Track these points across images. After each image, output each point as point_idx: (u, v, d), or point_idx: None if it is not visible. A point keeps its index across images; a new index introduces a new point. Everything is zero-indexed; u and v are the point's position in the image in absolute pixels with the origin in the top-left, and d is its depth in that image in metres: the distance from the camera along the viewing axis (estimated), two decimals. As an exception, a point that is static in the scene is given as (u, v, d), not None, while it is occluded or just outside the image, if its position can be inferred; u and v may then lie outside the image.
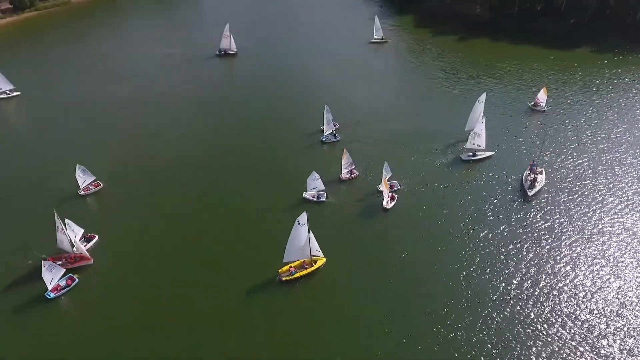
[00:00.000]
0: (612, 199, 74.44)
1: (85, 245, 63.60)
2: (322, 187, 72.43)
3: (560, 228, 68.77)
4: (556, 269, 61.98)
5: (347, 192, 75.77)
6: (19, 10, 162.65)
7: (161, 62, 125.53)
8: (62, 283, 58.35)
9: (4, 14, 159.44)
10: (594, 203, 73.53)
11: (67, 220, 62.31)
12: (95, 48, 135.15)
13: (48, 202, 70.55)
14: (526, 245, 65.74)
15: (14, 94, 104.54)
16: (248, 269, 60.96)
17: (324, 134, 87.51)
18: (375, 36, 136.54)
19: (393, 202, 72.24)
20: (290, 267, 59.99)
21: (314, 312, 56.29)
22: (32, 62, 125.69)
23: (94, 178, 74.26)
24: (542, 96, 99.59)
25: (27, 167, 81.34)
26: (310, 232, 58.78)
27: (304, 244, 58.67)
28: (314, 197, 73.01)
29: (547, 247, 65.59)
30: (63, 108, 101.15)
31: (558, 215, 71.14)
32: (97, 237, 65.57)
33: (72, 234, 61.95)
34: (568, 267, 62.22)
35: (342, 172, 77.21)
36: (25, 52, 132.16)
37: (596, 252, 64.69)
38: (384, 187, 71.17)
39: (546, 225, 69.43)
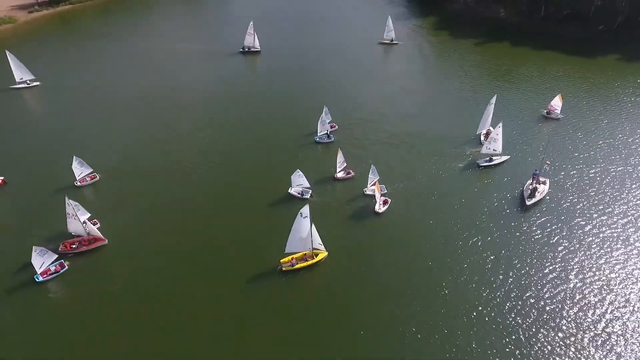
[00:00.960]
0: (615, 213, 71.62)
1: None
2: (307, 184, 72.88)
3: (553, 241, 66.67)
4: (543, 281, 60.29)
5: (339, 192, 75.71)
6: (54, 4, 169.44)
7: (184, 58, 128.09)
8: (52, 268, 60.56)
9: (40, 7, 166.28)
10: (594, 217, 70.90)
11: (76, 204, 64.91)
12: (122, 42, 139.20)
13: (50, 189, 73.84)
14: (515, 255, 64.14)
15: (34, 84, 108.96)
16: (250, 257, 62.70)
17: (318, 134, 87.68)
18: (385, 37, 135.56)
19: (386, 206, 71.49)
20: (292, 258, 60.91)
21: (311, 302, 57.54)
22: (56, 54, 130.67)
23: (90, 170, 76.63)
24: (556, 103, 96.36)
25: (34, 155, 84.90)
26: (313, 226, 59.90)
27: (305, 236, 59.77)
28: (299, 194, 73.11)
29: (534, 258, 63.80)
30: (79, 99, 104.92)
31: (552, 227, 69.03)
32: (98, 223, 67.81)
33: (81, 217, 64.74)
34: (554, 279, 60.44)
35: (337, 172, 77.09)
36: (51, 44, 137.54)
37: (586, 268, 62.34)
38: (375, 191, 70.51)
39: (538, 236, 67.55)
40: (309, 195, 73.43)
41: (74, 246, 64.17)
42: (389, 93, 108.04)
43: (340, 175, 77.47)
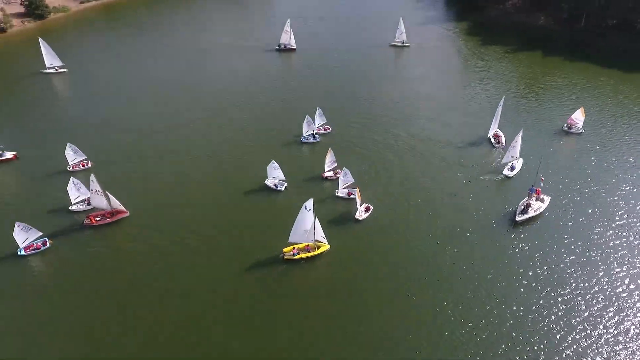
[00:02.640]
0: (609, 240, 66.63)
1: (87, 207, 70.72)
2: (282, 176, 74.47)
3: (530, 262, 63.01)
4: (511, 302, 57.43)
5: (328, 190, 75.47)
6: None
7: (218, 51, 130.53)
8: (36, 244, 63.94)
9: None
10: (585, 241, 66.18)
11: (78, 181, 69.92)
12: (160, 34, 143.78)
13: (57, 169, 79.31)
14: (490, 272, 61.43)
15: (62, 70, 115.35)
16: (254, 245, 64.83)
17: (304, 135, 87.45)
18: (396, 39, 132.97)
19: (367, 214, 70.03)
20: (294, 248, 62.65)
21: (308, 290, 59.18)
22: (90, 43, 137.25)
23: (84, 157, 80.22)
24: (578, 117, 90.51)
25: (48, 135, 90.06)
26: (316, 219, 60.91)
27: (309, 228, 61.13)
28: (274, 186, 74.67)
29: (506, 277, 60.78)
30: (102, 86, 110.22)
31: (535, 248, 65.21)
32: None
33: (79, 193, 69.74)
34: (519, 300, 57.50)
35: (325, 171, 76.86)
36: (90, 33, 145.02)
37: (558, 300, 58.22)
38: (357, 198, 69.30)
39: (517, 256, 64.15)
40: (284, 187, 74.55)
41: (97, 219, 68.35)
42: (402, 96, 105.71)
43: (328, 174, 77.21)
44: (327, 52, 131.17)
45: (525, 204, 70.76)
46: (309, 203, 60.14)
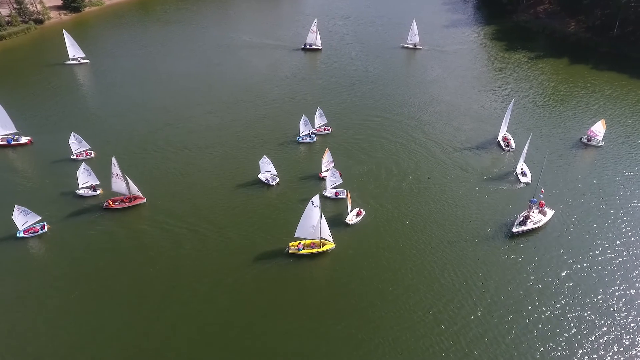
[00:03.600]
0: (611, 257, 63.63)
1: (93, 193, 73.69)
2: (274, 171, 75.47)
3: (523, 274, 60.94)
4: (496, 312, 55.75)
5: (318, 189, 74.88)
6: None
7: (243, 48, 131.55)
8: (36, 227, 66.57)
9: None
10: (580, 260, 63.16)
11: (88, 168, 72.83)
12: (186, 30, 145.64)
13: (68, 155, 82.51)
14: (480, 281, 59.86)
15: (84, 61, 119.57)
16: (262, 237, 66.10)
17: (300, 134, 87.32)
18: (408, 41, 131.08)
19: (359, 218, 69.06)
20: (299, 243, 62.88)
21: (309, 286, 59.79)
22: (116, 36, 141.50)
23: (88, 147, 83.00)
24: (598, 129, 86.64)
25: (64, 123, 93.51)
26: (323, 216, 60.78)
27: (315, 224, 61.23)
28: (266, 180, 75.67)
29: (496, 288, 59.02)
30: (120, 78, 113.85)
31: (528, 261, 63.06)
32: (101, 189, 74.27)
33: (89, 178, 72.73)
34: (506, 314, 55.60)
35: (322, 170, 76.68)
36: (119, 26, 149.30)
37: (545, 314, 56.23)
38: (347, 202, 68.42)
39: (509, 267, 62.14)
40: (275, 182, 75.41)
41: (116, 203, 71.17)
42: (411, 99, 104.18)
43: (325, 174, 76.52)
44: (347, 52, 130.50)
45: (524, 215, 68.46)
46: (316, 199, 60.12)
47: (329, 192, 73.25)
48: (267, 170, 75.50)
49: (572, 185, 76.90)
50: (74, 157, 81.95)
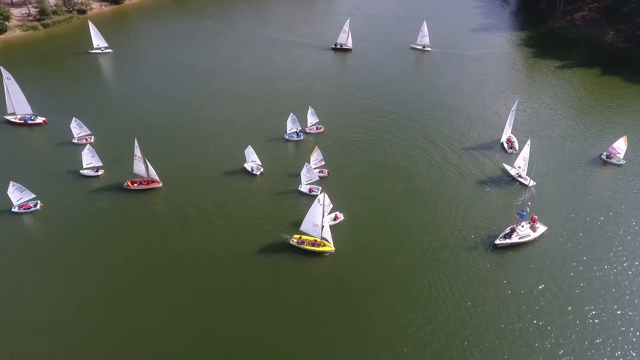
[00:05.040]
0: (595, 282, 59.87)
1: (95, 174, 76.99)
2: (258, 161, 77.06)
3: (498, 288, 58.43)
4: (468, 325, 53.95)
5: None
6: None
7: (271, 46, 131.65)
8: (29, 204, 70.10)
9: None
10: (562, 282, 59.63)
11: (92, 150, 76.13)
12: (218, 26, 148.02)
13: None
14: (454, 292, 58.15)
15: (107, 51, 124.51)
16: (270, 223, 67.46)
17: (288, 132, 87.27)
18: (418, 42, 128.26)
19: (335, 222, 67.72)
20: (300, 237, 63.42)
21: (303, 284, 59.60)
22: (147, 29, 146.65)
23: (88, 132, 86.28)
24: (620, 146, 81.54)
25: (79, 107, 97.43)
26: (325, 216, 61.26)
27: (318, 222, 61.43)
28: (251, 169, 77.33)
29: (473, 300, 56.96)
30: (140, 69, 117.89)
31: (507, 275, 60.43)
32: (102, 170, 77.64)
33: (92, 160, 75.98)
34: (480, 328, 53.49)
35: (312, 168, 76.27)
36: (151, 20, 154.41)
37: (512, 333, 53.81)
38: (324, 202, 66.98)
39: (485, 279, 59.76)
40: (259, 172, 76.79)
41: (135, 184, 74.11)
42: (424, 102, 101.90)
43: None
44: (367, 52, 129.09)
45: (510, 228, 65.66)
46: (321, 197, 60.22)
47: (304, 188, 73.41)
48: (253, 160, 77.09)
49: (579, 204, 72.50)
50: (75, 141, 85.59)
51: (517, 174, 77.06)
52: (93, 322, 54.01)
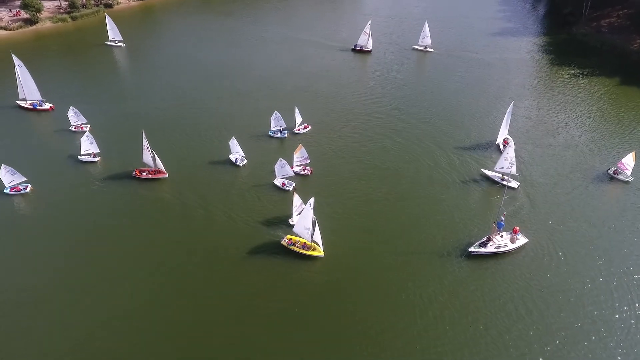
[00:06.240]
0: (562, 300, 57.26)
1: (92, 160, 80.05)
2: (242, 152, 79.06)
3: (464, 298, 56.91)
4: (434, 335, 52.92)
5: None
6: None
7: (288, 45, 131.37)
8: (19, 187, 73.23)
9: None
10: (531, 296, 57.32)
11: (91, 137, 79.23)
12: (239, 24, 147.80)
13: None
14: (425, 299, 57.17)
15: (120, 44, 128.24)
16: (263, 223, 67.52)
17: (272, 129, 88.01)
18: (420, 43, 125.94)
19: None
20: (291, 238, 63.26)
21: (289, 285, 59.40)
22: (166, 24, 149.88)
23: (85, 121, 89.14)
24: (628, 162, 77.20)
25: (87, 95, 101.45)
26: (316, 222, 60.63)
27: (309, 226, 61.03)
28: (235, 160, 79.22)
29: (441, 309, 55.76)
30: (150, 62, 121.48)
31: (476, 284, 58.75)
32: (100, 157, 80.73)
33: (90, 147, 79.06)
34: (444, 340, 52.28)
35: (294, 165, 76.86)
36: (174, 15, 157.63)
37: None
38: (294, 199, 66.08)
39: (456, 287, 58.29)
40: (243, 164, 78.81)
41: (143, 173, 76.48)
42: (424, 104, 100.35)
43: (297, 169, 77.24)
44: (377, 52, 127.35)
45: (485, 237, 63.72)
46: (312, 201, 59.54)
47: (278, 182, 74.20)
48: (237, 152, 78.99)
49: (574, 217, 69.50)
50: (72, 128, 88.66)
51: (501, 176, 75.13)
52: (71, 300, 56.01)
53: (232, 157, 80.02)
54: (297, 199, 65.14)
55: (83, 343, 51.30)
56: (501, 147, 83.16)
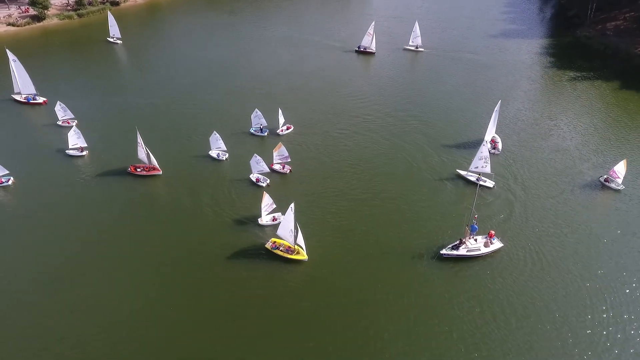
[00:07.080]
0: (527, 307, 56.13)
1: (80, 154, 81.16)
2: (224, 147, 79.71)
3: (431, 300, 56.26)
4: (403, 337, 52.41)
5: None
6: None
7: (290, 45, 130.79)
8: (2, 179, 74.77)
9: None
10: (500, 303, 56.30)
11: (78, 131, 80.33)
12: (243, 23, 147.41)
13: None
14: (390, 300, 56.76)
15: (118, 41, 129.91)
16: (248, 227, 67.01)
17: (253, 126, 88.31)
18: (410, 43, 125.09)
19: (273, 223, 66.43)
20: (275, 242, 62.90)
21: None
22: (170, 21, 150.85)
23: (72, 116, 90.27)
24: (619, 170, 75.12)
25: (79, 87, 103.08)
26: (298, 226, 60.19)
27: (291, 229, 60.87)
28: (217, 156, 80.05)
29: (406, 311, 55.32)
30: (144, 60, 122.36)
31: (445, 287, 57.87)
32: (87, 151, 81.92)
33: (78, 141, 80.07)
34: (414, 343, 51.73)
35: (274, 162, 77.01)
36: (176, 14, 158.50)
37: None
38: (263, 199, 65.54)
39: (424, 289, 57.73)
40: (225, 158, 79.84)
41: (138, 170, 77.19)
42: (416, 106, 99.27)
43: (276, 167, 77.37)
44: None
45: (457, 241, 62.74)
46: (292, 205, 59.22)
47: (253, 177, 74.76)
48: (217, 147, 79.40)
49: (556, 223, 67.98)
50: (60, 123, 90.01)
51: (477, 176, 74.38)
52: (51, 291, 57.05)
53: (212, 153, 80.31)
54: (267, 199, 64.83)
55: (62, 340, 52.06)
56: (488, 145, 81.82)
